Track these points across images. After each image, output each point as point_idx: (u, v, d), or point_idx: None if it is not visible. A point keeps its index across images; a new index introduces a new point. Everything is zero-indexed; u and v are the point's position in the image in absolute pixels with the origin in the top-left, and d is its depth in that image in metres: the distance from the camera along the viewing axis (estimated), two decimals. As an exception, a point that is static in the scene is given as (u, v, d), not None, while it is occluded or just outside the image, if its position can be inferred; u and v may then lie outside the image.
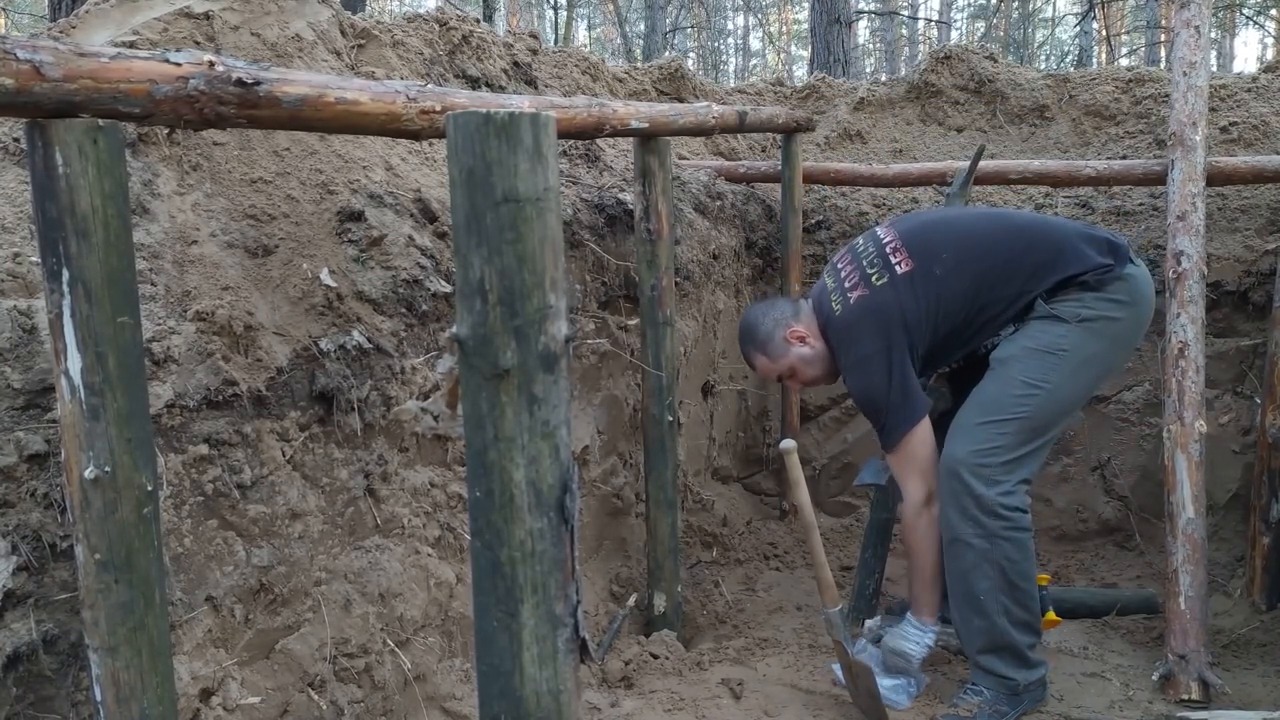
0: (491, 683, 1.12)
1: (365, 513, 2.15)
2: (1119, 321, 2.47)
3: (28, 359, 1.59)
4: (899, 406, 2.48)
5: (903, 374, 2.48)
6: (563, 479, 1.09)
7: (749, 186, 4.20)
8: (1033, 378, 2.43)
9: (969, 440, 2.46)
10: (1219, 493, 3.44)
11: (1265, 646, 2.93)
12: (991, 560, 2.44)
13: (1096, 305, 2.45)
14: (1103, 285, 2.45)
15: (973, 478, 2.43)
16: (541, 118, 1.04)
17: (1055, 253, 2.48)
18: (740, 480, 4.19)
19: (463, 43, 3.25)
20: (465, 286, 1.06)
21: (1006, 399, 2.44)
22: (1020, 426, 2.43)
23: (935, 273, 2.50)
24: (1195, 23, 3.45)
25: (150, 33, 2.14)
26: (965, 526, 2.45)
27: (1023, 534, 2.46)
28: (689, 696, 2.57)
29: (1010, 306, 2.50)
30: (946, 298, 2.49)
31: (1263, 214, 3.60)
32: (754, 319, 2.75)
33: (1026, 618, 2.50)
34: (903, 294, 2.49)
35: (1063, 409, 2.49)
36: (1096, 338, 2.45)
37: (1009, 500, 2.43)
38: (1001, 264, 2.49)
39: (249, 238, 2.04)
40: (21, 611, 1.51)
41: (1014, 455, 2.44)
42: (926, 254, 2.52)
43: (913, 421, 2.49)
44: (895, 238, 2.58)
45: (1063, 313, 2.45)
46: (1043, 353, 2.44)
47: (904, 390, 2.48)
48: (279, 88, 1.54)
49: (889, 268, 2.53)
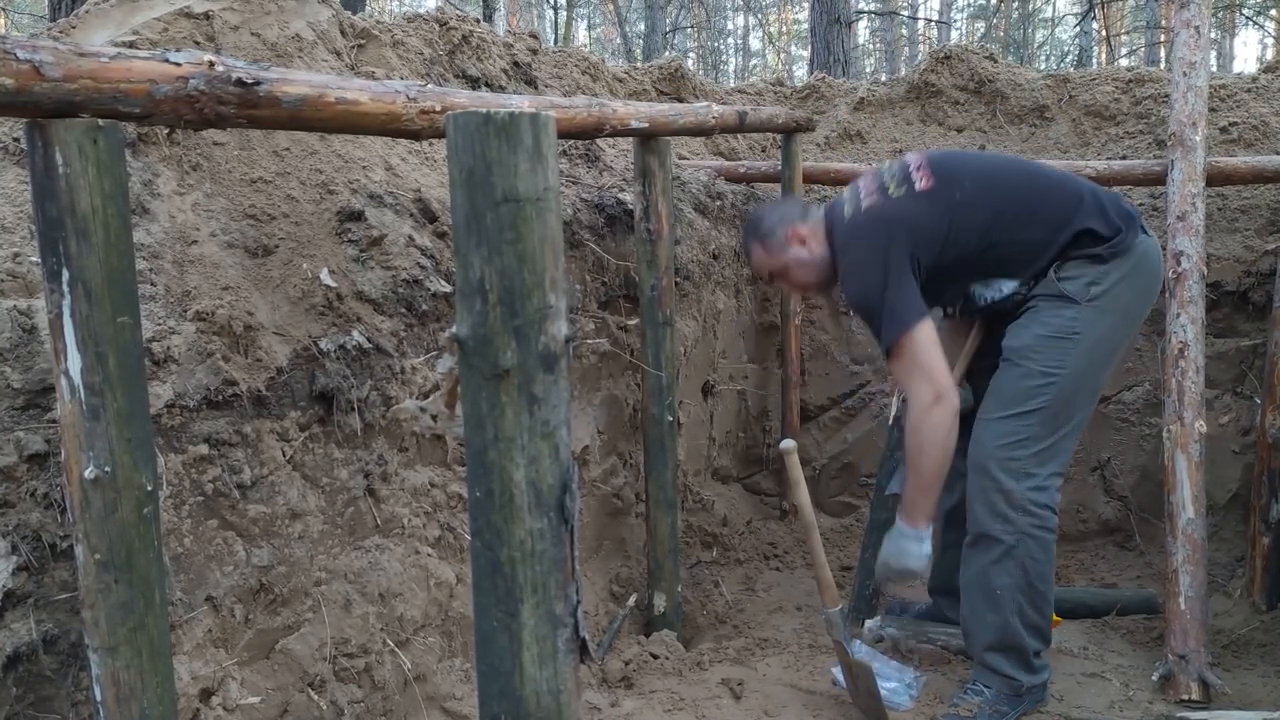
0: (491, 683, 1.12)
1: (365, 513, 2.15)
2: (1128, 295, 2.44)
3: (28, 359, 1.59)
4: (895, 308, 2.39)
5: (900, 276, 2.39)
6: (563, 479, 1.09)
7: (749, 186, 4.20)
8: (1048, 365, 2.41)
9: (994, 435, 2.44)
10: (1219, 493, 3.44)
11: (1265, 647, 2.93)
12: (1016, 558, 2.42)
13: (1105, 280, 2.42)
14: (1113, 257, 2.42)
15: (1002, 472, 2.41)
16: (541, 118, 1.04)
17: (1075, 205, 2.44)
18: (740, 480, 4.19)
19: (463, 43, 3.25)
20: (465, 286, 1.06)
21: (1025, 389, 2.42)
22: (1043, 416, 2.41)
23: (955, 197, 2.44)
24: (1195, 23, 3.45)
25: (150, 33, 2.14)
26: (993, 523, 2.43)
27: (1049, 535, 2.44)
28: (689, 696, 2.57)
29: (1023, 253, 2.45)
30: (960, 225, 2.43)
31: (1263, 214, 3.60)
32: (761, 212, 2.73)
33: (1039, 621, 2.49)
34: (918, 208, 2.44)
35: (1083, 392, 2.46)
36: (1106, 315, 2.42)
37: (1039, 497, 2.41)
38: (1020, 205, 2.45)
39: (249, 238, 2.04)
40: (21, 611, 1.51)
41: (1042, 446, 2.41)
42: (949, 179, 2.47)
43: (909, 323, 2.38)
44: (923, 161, 2.54)
45: (1072, 291, 2.42)
46: (1056, 339, 2.42)
47: (901, 291, 2.39)
48: (279, 88, 1.54)
49: (909, 182, 2.49)
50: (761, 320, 4.21)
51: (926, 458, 2.42)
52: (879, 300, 2.41)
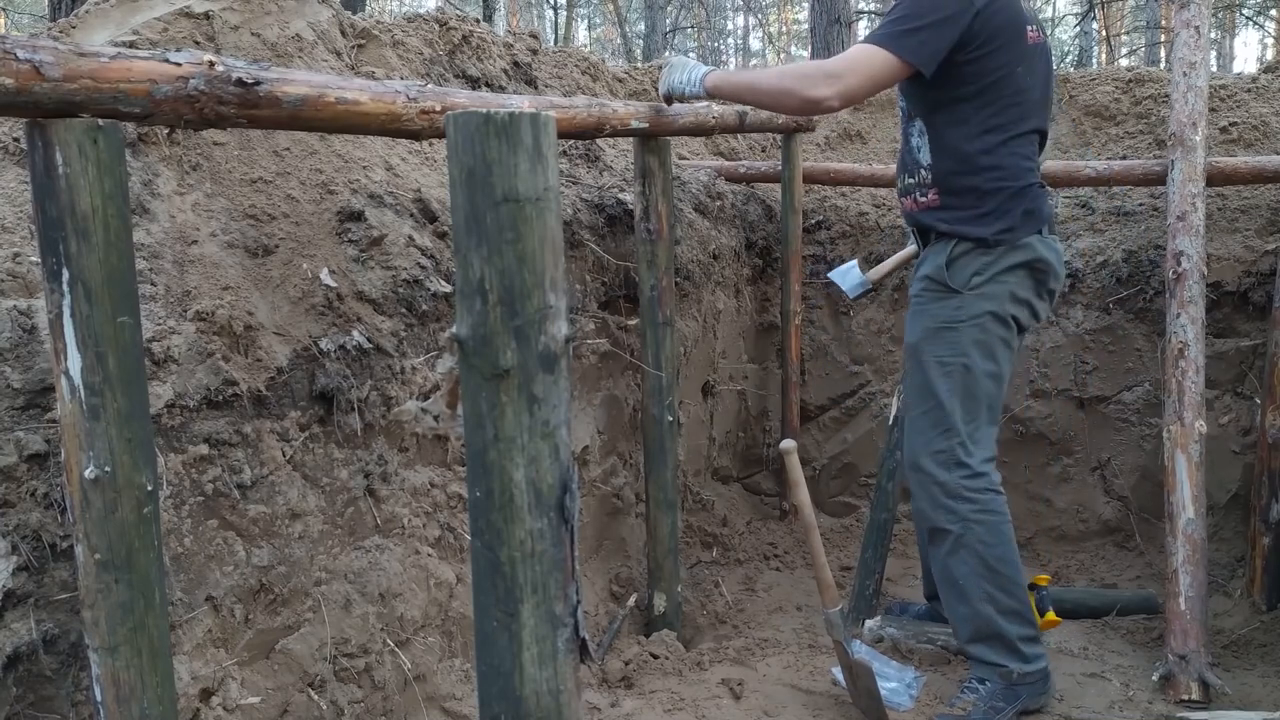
0: (491, 683, 1.12)
1: (365, 513, 2.15)
2: (1013, 282, 2.45)
3: (28, 359, 1.60)
4: (907, 29, 2.31)
5: (941, 22, 2.29)
6: (563, 479, 1.09)
7: (749, 186, 4.20)
8: (943, 355, 2.47)
9: (917, 431, 2.53)
10: (1219, 493, 3.44)
11: (1265, 647, 2.93)
12: (967, 545, 2.47)
13: (988, 270, 2.44)
14: (999, 246, 2.43)
15: (934, 465, 2.48)
16: (541, 118, 1.04)
17: (1039, 195, 2.48)
18: (740, 480, 4.19)
19: (463, 43, 3.25)
20: (465, 286, 1.06)
21: (931, 383, 2.49)
22: (955, 405, 2.46)
23: (1022, 64, 2.40)
24: (1195, 23, 3.45)
25: (150, 32, 2.14)
26: (938, 515, 2.50)
27: (994, 517, 2.48)
28: (689, 696, 2.57)
29: (971, 156, 2.42)
30: (1000, 77, 2.38)
31: (1263, 214, 3.59)
32: None
33: (1014, 605, 2.50)
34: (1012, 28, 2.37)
35: (987, 374, 2.48)
36: (989, 299, 2.45)
37: (975, 483, 2.47)
38: (1023, 145, 2.45)
39: (249, 238, 2.04)
40: (21, 611, 1.51)
41: (965, 434, 2.47)
42: (1033, 61, 2.44)
43: (897, 49, 2.31)
44: (1040, 37, 2.50)
45: (955, 280, 2.45)
46: (942, 329, 2.47)
47: (925, 28, 2.30)
48: (279, 88, 1.54)
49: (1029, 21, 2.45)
50: (761, 320, 4.21)
51: (769, 87, 2.45)
52: (904, 16, 2.33)
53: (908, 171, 2.59)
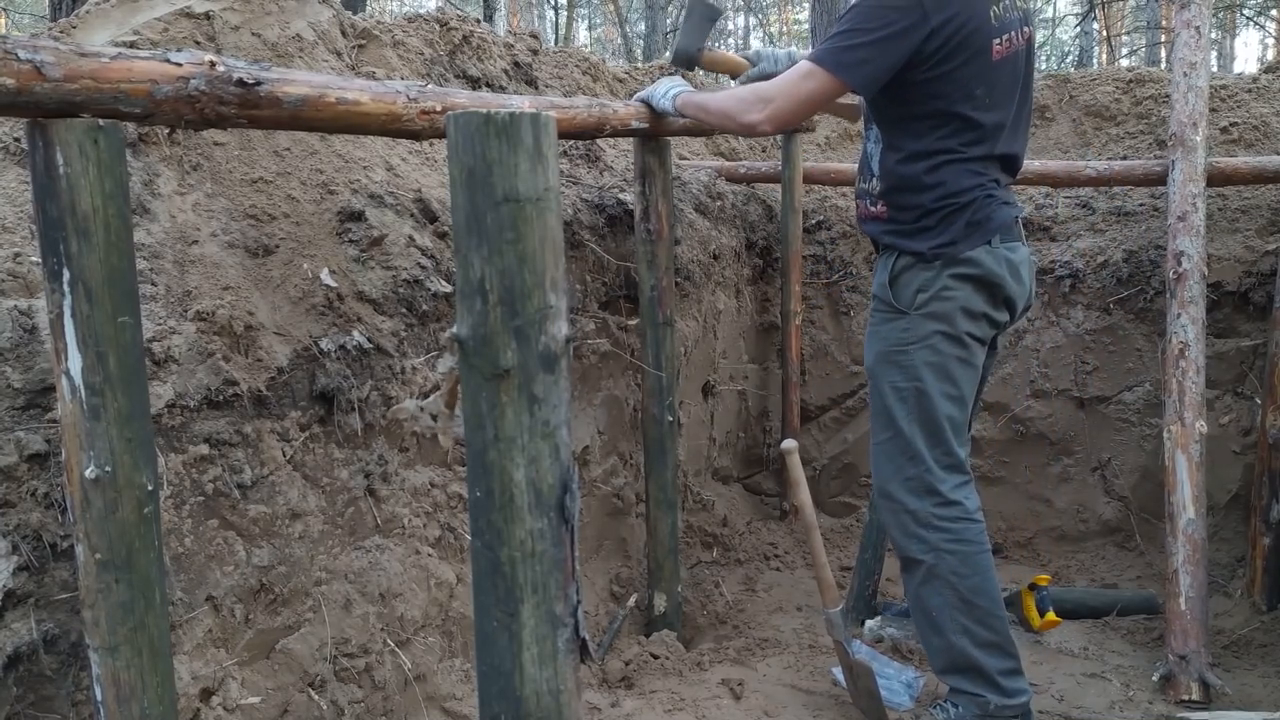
0: (491, 683, 1.12)
1: (365, 513, 2.15)
2: (960, 297, 2.32)
3: (28, 359, 1.60)
4: (849, 46, 2.19)
5: (888, 39, 2.17)
6: (563, 479, 1.09)
7: (749, 186, 4.20)
8: (896, 381, 2.37)
9: (884, 457, 2.41)
10: (1219, 493, 3.44)
11: (1265, 647, 2.93)
12: (939, 575, 2.35)
13: (931, 286, 2.32)
14: (936, 261, 2.32)
15: (905, 493, 2.37)
16: (542, 118, 1.04)
17: (1000, 204, 2.34)
18: (740, 480, 4.19)
19: (463, 43, 3.25)
20: (465, 286, 1.06)
21: (889, 410, 2.38)
22: (916, 431, 2.35)
23: (983, 78, 2.25)
24: (1196, 23, 3.45)
25: (151, 33, 2.14)
26: (909, 544, 2.38)
27: (968, 547, 2.34)
28: (689, 696, 2.57)
29: (925, 172, 2.29)
30: (956, 89, 2.24)
31: (1263, 214, 3.59)
32: None
33: (992, 638, 2.35)
34: (979, 37, 2.22)
35: (944, 395, 2.36)
36: (938, 319, 2.33)
37: (947, 512, 2.34)
38: (983, 164, 2.32)
39: (249, 238, 2.04)
40: (22, 611, 1.51)
41: (930, 461, 2.35)
42: (1002, 82, 2.29)
43: (835, 68, 2.20)
44: (1022, 46, 2.35)
45: (900, 299, 2.34)
46: (893, 353, 2.37)
47: (869, 44, 2.17)
48: (280, 88, 1.54)
49: (1006, 28, 2.28)
50: (761, 320, 4.21)
51: (715, 109, 2.45)
52: (848, 31, 2.22)
53: (862, 176, 2.51)
